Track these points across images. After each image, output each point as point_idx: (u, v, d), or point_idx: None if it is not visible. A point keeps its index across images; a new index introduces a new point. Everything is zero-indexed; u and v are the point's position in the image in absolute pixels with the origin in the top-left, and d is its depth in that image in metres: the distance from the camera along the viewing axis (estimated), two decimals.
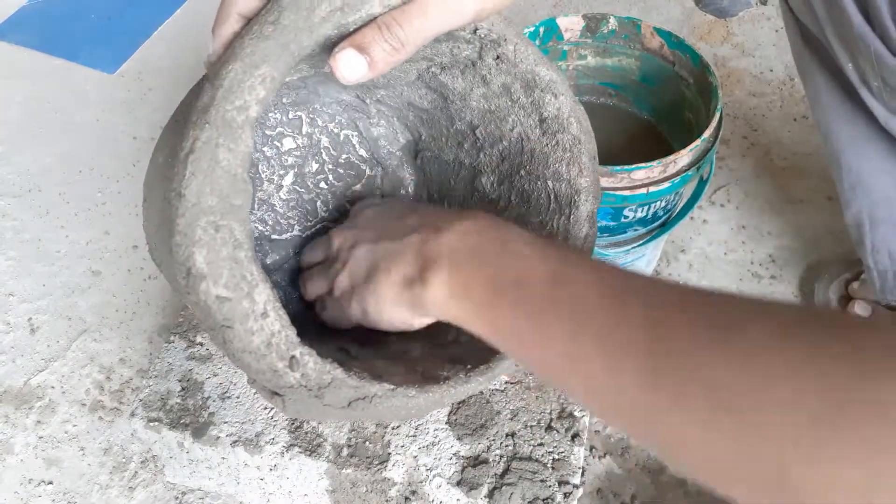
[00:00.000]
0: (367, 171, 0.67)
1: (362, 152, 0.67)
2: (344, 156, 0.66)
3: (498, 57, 0.54)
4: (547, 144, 0.57)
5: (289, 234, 0.65)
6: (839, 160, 0.72)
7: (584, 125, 0.56)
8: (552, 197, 0.58)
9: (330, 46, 0.45)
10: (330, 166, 0.66)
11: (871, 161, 0.71)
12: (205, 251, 0.40)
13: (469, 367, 0.52)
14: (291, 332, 0.43)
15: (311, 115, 0.64)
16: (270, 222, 0.64)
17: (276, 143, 0.63)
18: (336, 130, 0.65)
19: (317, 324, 0.63)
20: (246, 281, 0.41)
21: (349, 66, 0.43)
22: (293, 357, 0.43)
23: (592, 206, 0.57)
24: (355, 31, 0.43)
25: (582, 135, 0.56)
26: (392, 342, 0.58)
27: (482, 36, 0.53)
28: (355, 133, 0.66)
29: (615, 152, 0.60)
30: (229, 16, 0.44)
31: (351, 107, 0.64)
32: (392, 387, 0.47)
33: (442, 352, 0.56)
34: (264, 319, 0.42)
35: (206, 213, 0.40)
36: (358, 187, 0.67)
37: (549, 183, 0.58)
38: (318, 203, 0.66)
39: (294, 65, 0.43)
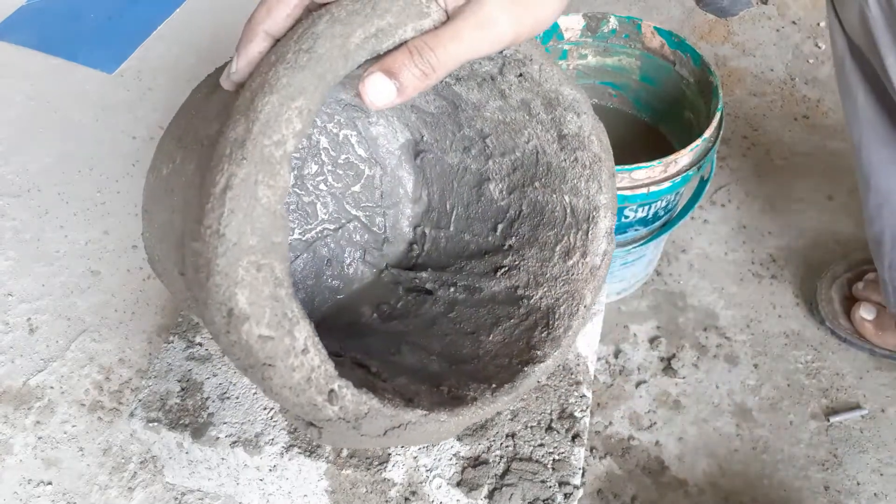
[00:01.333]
0: (366, 171, 0.67)
1: (361, 152, 0.67)
2: (343, 156, 0.66)
3: (521, 75, 0.54)
4: (565, 160, 0.57)
5: (289, 238, 0.65)
6: (868, 178, 0.73)
7: (604, 143, 0.57)
8: (568, 211, 0.58)
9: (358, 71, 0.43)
10: (329, 167, 0.66)
11: None
12: (247, 291, 0.39)
13: (494, 385, 0.53)
14: (330, 366, 0.43)
15: None
16: None
17: None
18: (335, 130, 0.65)
19: (318, 331, 0.63)
20: (287, 319, 0.41)
21: (377, 91, 0.41)
22: (332, 391, 0.43)
23: (611, 223, 0.57)
24: (386, 54, 0.42)
25: (602, 153, 0.56)
26: (407, 354, 0.58)
27: (507, 55, 0.52)
28: (354, 132, 0.66)
29: (615, 152, 0.60)
30: (256, 34, 0.43)
31: (350, 106, 0.64)
32: (425, 413, 0.47)
33: (462, 367, 0.56)
34: (305, 356, 0.41)
35: (247, 253, 0.39)
36: (357, 188, 0.67)
37: (566, 197, 0.58)
38: (318, 205, 0.66)
39: (328, 93, 0.42)
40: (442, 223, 0.68)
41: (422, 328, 0.62)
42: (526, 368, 0.54)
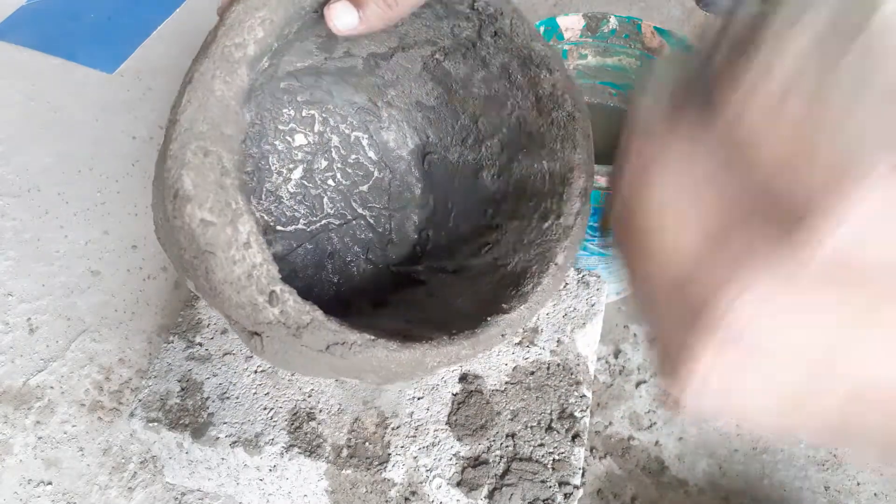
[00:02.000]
0: (375, 173, 0.68)
1: (371, 155, 0.67)
2: (353, 156, 0.67)
3: (495, 33, 0.55)
4: (543, 124, 0.57)
5: (293, 226, 0.66)
6: None
7: (578, 102, 0.57)
8: (547, 177, 0.58)
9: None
10: (339, 165, 0.67)
11: None
12: (193, 174, 0.41)
13: (454, 332, 0.52)
14: (273, 268, 0.43)
15: (323, 115, 0.65)
16: (276, 213, 0.65)
17: (287, 138, 0.64)
18: (347, 131, 0.66)
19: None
20: (230, 208, 0.42)
21: (340, 16, 0.45)
22: (273, 292, 0.43)
23: (585, 183, 0.57)
24: None
25: (576, 111, 0.56)
26: (384, 323, 0.58)
27: (480, 10, 0.53)
28: (365, 136, 0.66)
29: (615, 152, 0.60)
30: None
31: (363, 110, 0.65)
32: (372, 337, 0.47)
33: (433, 326, 0.56)
34: (247, 250, 0.42)
35: (196, 138, 0.41)
36: (364, 188, 0.68)
37: (545, 163, 0.58)
38: (325, 199, 0.67)
39: (292, 12, 0.45)
40: (443, 223, 0.68)
41: (404, 307, 0.62)
42: (489, 318, 0.54)
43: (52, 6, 1.30)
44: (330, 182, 0.66)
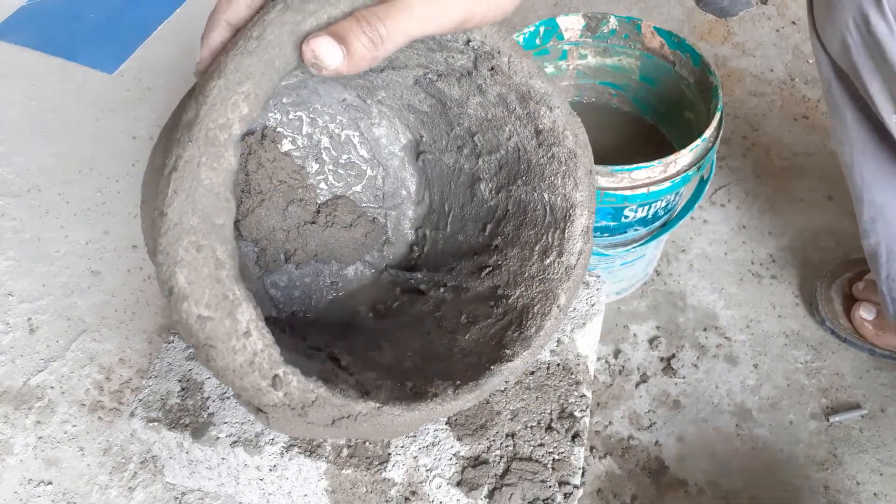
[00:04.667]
0: (368, 172, 0.67)
1: (363, 152, 0.67)
2: (345, 156, 0.66)
3: (492, 68, 0.54)
4: (543, 156, 0.57)
5: None
6: (861, 194, 0.73)
7: (580, 139, 0.56)
8: (548, 209, 0.58)
9: None
10: (330, 167, 0.66)
11: (894, 198, 0.72)
12: (186, 271, 0.40)
13: (458, 383, 0.52)
14: (275, 351, 0.43)
15: (311, 116, 0.64)
16: None
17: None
18: (337, 131, 0.65)
19: (311, 328, 0.63)
20: (228, 300, 0.41)
21: (325, 55, 0.41)
22: (276, 376, 0.43)
23: (587, 221, 0.57)
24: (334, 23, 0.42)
25: (578, 148, 0.56)
26: (386, 350, 0.58)
27: (475, 48, 0.52)
28: (356, 133, 0.66)
29: (615, 152, 0.60)
30: (218, 23, 0.43)
31: (352, 107, 0.64)
32: (377, 405, 0.47)
33: (434, 366, 0.56)
34: (247, 339, 0.42)
35: (187, 234, 0.40)
36: (358, 188, 0.67)
37: (546, 195, 0.58)
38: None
39: (280, 80, 0.42)
40: (440, 225, 0.68)
41: (407, 325, 0.62)
42: (493, 367, 0.54)
43: (52, 6, 1.31)
44: (322, 186, 0.65)
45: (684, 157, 0.74)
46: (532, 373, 0.67)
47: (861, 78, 0.63)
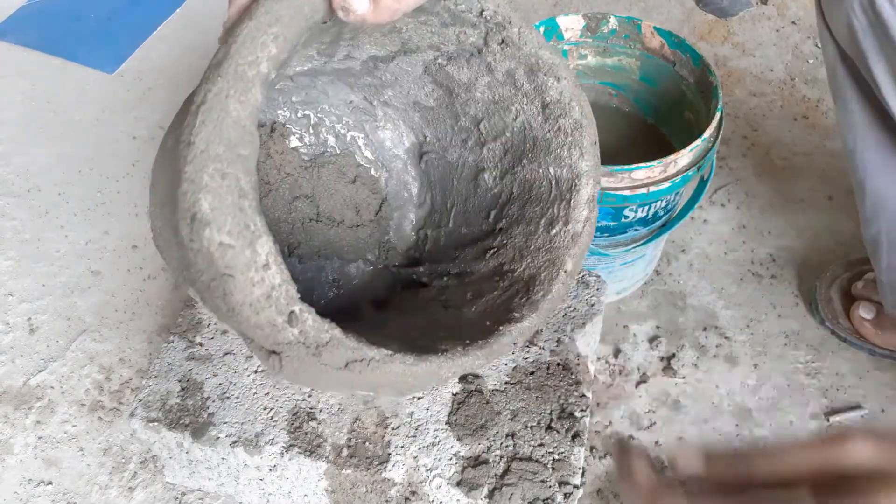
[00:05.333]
0: (372, 173, 0.68)
1: (368, 154, 0.67)
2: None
3: (503, 41, 0.54)
4: (549, 131, 0.57)
5: None
6: (863, 182, 0.73)
7: (585, 109, 0.57)
8: (553, 183, 0.58)
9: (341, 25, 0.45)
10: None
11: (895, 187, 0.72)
12: (210, 197, 0.40)
13: (467, 342, 0.52)
14: (292, 287, 0.43)
15: (319, 115, 0.65)
16: None
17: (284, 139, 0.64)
18: (343, 131, 0.66)
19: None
20: (249, 230, 0.41)
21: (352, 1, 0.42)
22: (292, 312, 0.43)
23: (593, 190, 0.57)
24: None
25: (583, 119, 0.57)
26: (391, 327, 0.58)
27: (488, 18, 0.53)
28: (361, 135, 0.66)
29: (615, 152, 0.60)
30: None
31: (358, 109, 0.65)
32: (389, 352, 0.47)
33: (442, 332, 0.56)
34: (266, 271, 0.42)
35: (213, 161, 0.40)
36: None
37: (551, 169, 0.58)
38: None
39: (307, 27, 0.44)
40: (442, 223, 0.68)
41: (410, 311, 0.62)
42: (501, 328, 0.54)
43: (52, 6, 1.31)
44: None
45: (684, 157, 0.74)
46: (532, 373, 0.67)
47: (866, 60, 0.63)
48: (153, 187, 0.53)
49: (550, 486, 0.60)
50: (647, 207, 0.79)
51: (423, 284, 0.65)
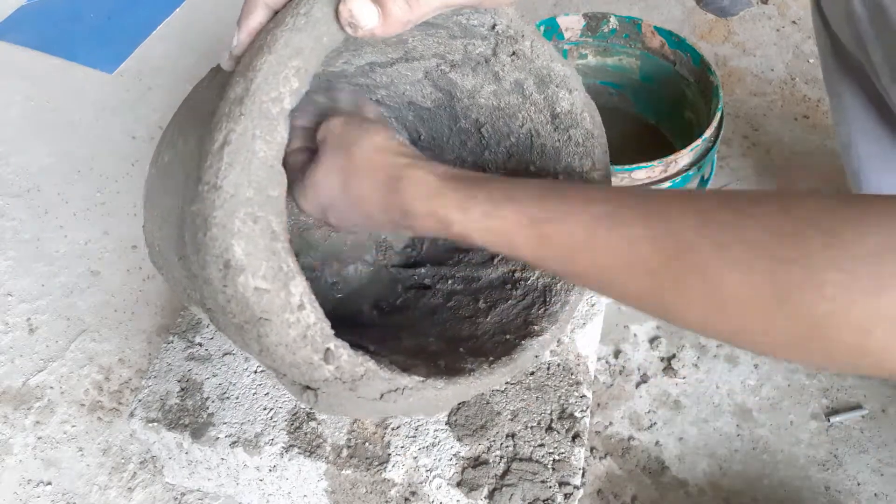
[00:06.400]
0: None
1: None
2: None
3: (514, 53, 0.54)
4: (559, 140, 0.57)
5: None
6: (858, 175, 0.73)
7: (596, 120, 0.57)
8: None
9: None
10: None
11: (891, 177, 0.71)
12: (243, 243, 0.40)
13: (491, 359, 0.53)
14: (326, 325, 0.43)
15: None
16: None
17: None
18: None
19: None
20: (283, 272, 0.41)
21: (362, 12, 0.41)
22: (328, 349, 0.43)
23: None
24: None
25: (595, 129, 0.57)
26: (406, 339, 0.58)
27: (499, 32, 0.52)
28: None
29: (616, 152, 0.60)
30: (257, 6, 0.44)
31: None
32: (422, 379, 0.47)
33: (460, 345, 0.56)
34: (300, 311, 0.42)
35: (244, 205, 0.40)
36: None
37: (561, 177, 0.58)
38: None
39: (325, 56, 0.43)
40: None
41: (420, 318, 0.62)
42: (523, 342, 0.54)
43: (52, 6, 1.30)
44: None
45: (684, 157, 0.74)
46: (532, 373, 0.67)
47: (865, 48, 0.63)
48: (151, 207, 0.52)
49: (550, 487, 0.60)
50: None
51: (426, 287, 0.65)
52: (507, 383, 0.66)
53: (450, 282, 0.64)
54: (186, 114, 0.51)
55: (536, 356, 0.54)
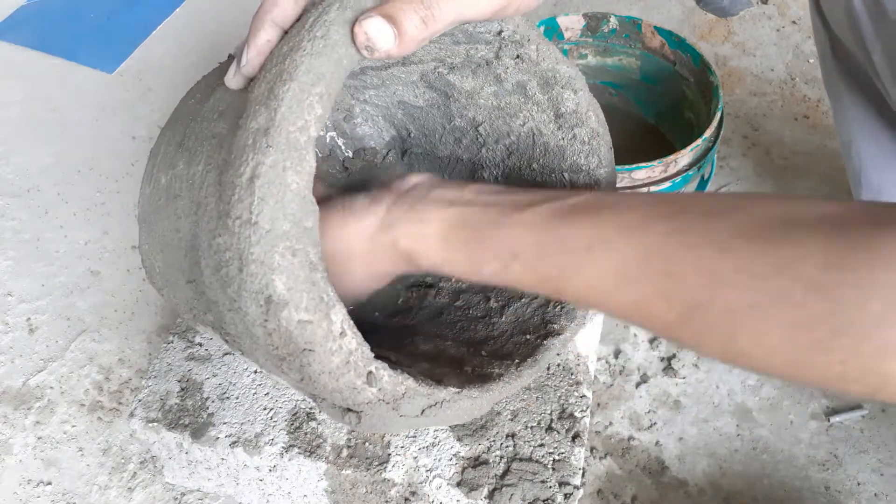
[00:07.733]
0: (352, 171, 0.67)
1: (349, 153, 0.67)
2: (328, 157, 0.66)
3: (518, 56, 0.54)
4: (563, 138, 0.57)
5: None
6: (859, 173, 0.73)
7: (601, 119, 0.57)
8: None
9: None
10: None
11: (892, 176, 0.71)
12: (284, 277, 0.40)
13: (517, 361, 0.53)
14: (366, 349, 0.43)
15: None
16: None
17: None
18: (321, 133, 0.65)
19: None
20: (324, 302, 0.41)
21: (378, 35, 0.40)
22: (370, 373, 0.43)
23: None
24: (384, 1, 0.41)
25: (600, 128, 0.57)
26: (420, 343, 0.59)
27: (505, 37, 0.52)
28: (340, 135, 0.66)
29: (616, 152, 0.60)
30: (264, 24, 0.43)
31: (334, 108, 0.64)
32: (457, 390, 0.48)
33: (480, 349, 0.56)
34: (342, 338, 0.42)
35: (282, 240, 0.39)
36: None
37: (566, 175, 0.58)
38: None
39: (345, 78, 0.42)
40: None
41: (429, 319, 0.62)
42: (545, 342, 0.54)
43: (52, 6, 1.30)
44: None
45: (684, 156, 0.74)
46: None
47: (865, 46, 0.63)
48: (149, 230, 0.51)
49: (551, 487, 0.60)
50: None
51: (429, 286, 0.65)
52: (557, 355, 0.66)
53: (453, 279, 0.64)
54: (185, 132, 0.49)
55: (558, 355, 0.55)
